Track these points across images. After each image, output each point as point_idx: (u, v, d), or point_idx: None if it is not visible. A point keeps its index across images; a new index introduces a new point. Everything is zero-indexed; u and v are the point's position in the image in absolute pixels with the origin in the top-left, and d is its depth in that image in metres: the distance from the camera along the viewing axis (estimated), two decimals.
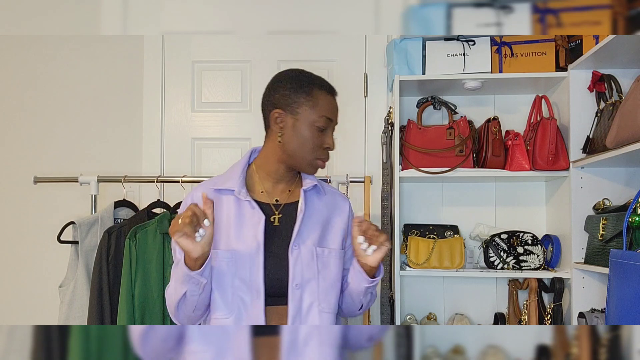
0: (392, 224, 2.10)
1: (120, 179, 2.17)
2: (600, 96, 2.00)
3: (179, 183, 2.14)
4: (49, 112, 2.55)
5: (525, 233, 2.18)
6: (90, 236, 2.09)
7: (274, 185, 1.43)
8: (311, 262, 1.36)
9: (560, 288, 2.11)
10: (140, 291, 1.93)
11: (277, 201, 1.42)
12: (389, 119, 2.21)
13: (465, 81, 2.16)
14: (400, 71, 2.17)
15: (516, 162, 2.14)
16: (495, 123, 2.19)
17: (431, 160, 2.16)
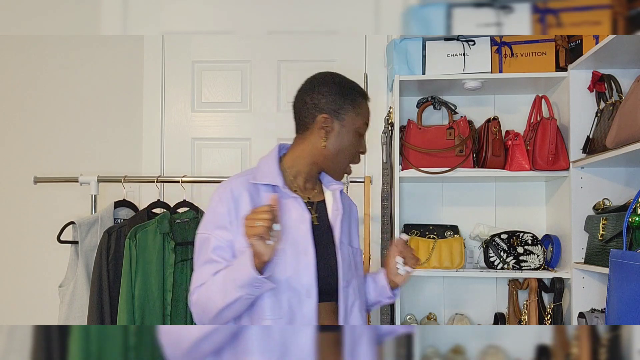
0: (392, 224, 2.10)
1: (120, 179, 2.17)
2: (600, 96, 2.00)
3: (179, 183, 2.14)
4: (49, 112, 2.55)
5: (525, 233, 2.18)
6: (90, 236, 2.09)
7: (304, 185, 1.44)
8: (351, 262, 1.41)
9: (560, 288, 2.11)
10: (140, 291, 1.93)
11: (309, 199, 1.43)
12: (389, 119, 2.21)
13: (465, 81, 2.16)
14: (400, 71, 2.17)
15: (516, 162, 2.14)
16: (495, 123, 2.19)
17: (431, 160, 2.16)
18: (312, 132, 1.40)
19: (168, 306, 1.97)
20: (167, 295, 1.97)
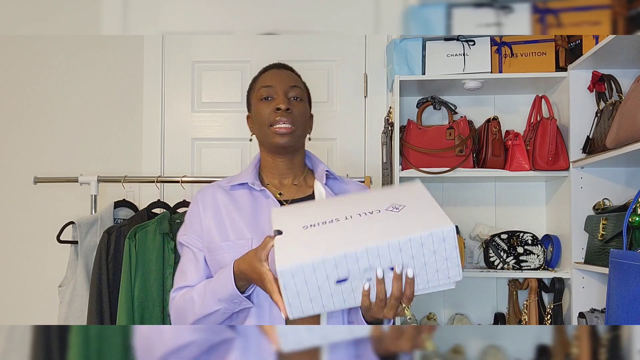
0: None
1: (120, 179, 2.17)
2: (600, 96, 2.00)
3: (179, 183, 2.14)
4: (49, 112, 2.55)
5: (525, 233, 2.18)
6: (90, 236, 2.09)
7: (280, 182, 1.38)
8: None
9: (560, 288, 2.11)
10: (140, 291, 1.93)
11: (280, 195, 1.36)
12: (389, 119, 2.21)
13: (465, 81, 2.16)
14: (400, 71, 2.17)
15: (516, 162, 2.14)
16: (495, 123, 2.19)
17: (431, 160, 2.16)
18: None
19: (167, 306, 1.97)
20: (167, 296, 1.98)
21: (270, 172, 1.39)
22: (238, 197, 1.34)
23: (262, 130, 1.34)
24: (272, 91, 1.34)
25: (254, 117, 1.37)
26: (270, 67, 1.42)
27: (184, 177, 2.17)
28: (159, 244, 1.98)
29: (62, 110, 2.55)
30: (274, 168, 1.38)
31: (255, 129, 1.38)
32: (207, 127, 2.51)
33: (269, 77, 1.37)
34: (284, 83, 1.35)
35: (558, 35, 2.10)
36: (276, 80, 1.36)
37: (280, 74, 1.38)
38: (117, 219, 2.17)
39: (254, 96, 1.38)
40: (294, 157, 1.38)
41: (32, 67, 2.56)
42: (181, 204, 2.15)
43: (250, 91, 1.41)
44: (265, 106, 1.33)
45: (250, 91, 1.41)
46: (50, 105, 2.55)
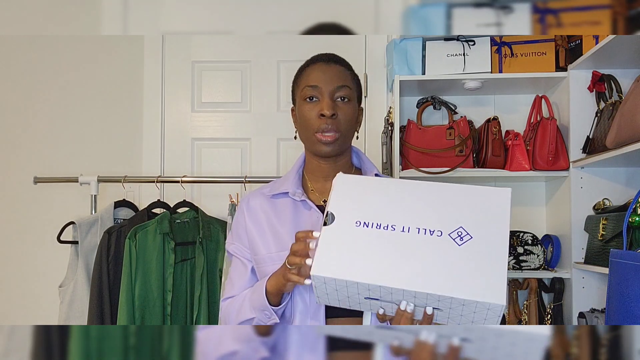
0: None
1: (120, 179, 2.17)
2: (600, 96, 2.00)
3: (179, 183, 2.14)
4: (49, 112, 2.55)
5: (525, 233, 2.18)
6: (90, 236, 2.09)
7: (323, 185, 1.33)
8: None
9: (560, 288, 2.11)
10: (140, 291, 1.93)
11: (324, 202, 1.30)
12: (389, 119, 2.21)
13: (465, 81, 2.16)
14: (400, 71, 2.17)
15: (516, 162, 2.14)
16: (495, 123, 2.19)
17: (431, 160, 2.16)
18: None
19: (168, 306, 1.97)
20: (167, 296, 1.98)
21: (313, 174, 1.34)
22: (280, 206, 1.30)
23: (306, 135, 1.28)
24: (317, 92, 1.26)
25: (298, 116, 1.30)
26: (318, 59, 1.31)
27: (184, 177, 2.17)
28: (159, 244, 1.98)
29: (62, 110, 2.55)
30: (318, 170, 1.32)
31: (299, 128, 1.31)
32: (207, 127, 2.51)
33: (315, 74, 1.27)
34: (331, 83, 1.26)
35: (558, 35, 2.10)
36: (322, 80, 1.26)
37: (327, 71, 1.28)
38: (117, 219, 2.17)
39: (298, 93, 1.30)
40: (339, 159, 1.32)
41: (32, 67, 2.56)
42: (181, 204, 2.15)
43: (295, 85, 1.33)
44: (309, 109, 1.26)
45: (295, 85, 1.33)
46: (50, 105, 2.55)
